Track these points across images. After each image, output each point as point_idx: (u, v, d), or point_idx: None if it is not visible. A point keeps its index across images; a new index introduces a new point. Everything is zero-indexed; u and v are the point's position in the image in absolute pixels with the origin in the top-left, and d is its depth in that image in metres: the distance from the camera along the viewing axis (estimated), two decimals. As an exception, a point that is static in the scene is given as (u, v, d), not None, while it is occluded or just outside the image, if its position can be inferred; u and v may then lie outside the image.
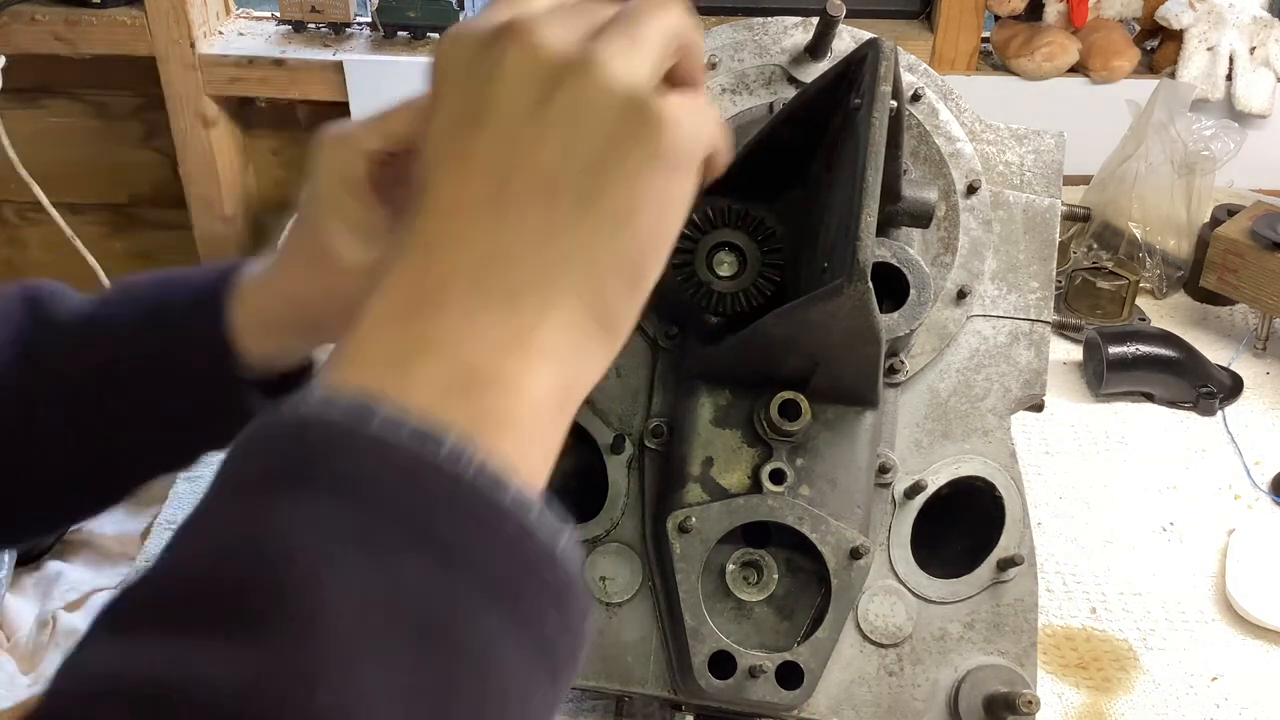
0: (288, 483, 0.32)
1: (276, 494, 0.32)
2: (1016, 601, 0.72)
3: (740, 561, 0.68)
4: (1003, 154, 0.77)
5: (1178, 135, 1.34)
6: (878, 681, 0.71)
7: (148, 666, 0.29)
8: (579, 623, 0.35)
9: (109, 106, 1.75)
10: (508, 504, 0.33)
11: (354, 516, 0.31)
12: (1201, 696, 0.92)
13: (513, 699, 0.32)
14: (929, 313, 0.70)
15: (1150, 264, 1.34)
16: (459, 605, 0.31)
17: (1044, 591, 0.94)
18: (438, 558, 0.32)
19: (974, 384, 0.74)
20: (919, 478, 0.72)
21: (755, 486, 0.67)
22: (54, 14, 1.58)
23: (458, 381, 0.35)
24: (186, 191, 1.71)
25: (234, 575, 0.30)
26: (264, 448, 0.34)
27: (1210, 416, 1.20)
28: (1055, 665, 0.94)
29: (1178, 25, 1.51)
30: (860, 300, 0.55)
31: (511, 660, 0.32)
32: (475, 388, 0.35)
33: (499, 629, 0.32)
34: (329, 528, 0.31)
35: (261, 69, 1.60)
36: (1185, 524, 1.08)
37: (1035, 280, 0.76)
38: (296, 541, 0.31)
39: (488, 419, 0.35)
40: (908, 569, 0.71)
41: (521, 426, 0.36)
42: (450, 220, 0.38)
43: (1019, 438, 0.74)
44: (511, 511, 0.33)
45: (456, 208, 0.38)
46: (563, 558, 0.34)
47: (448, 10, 1.60)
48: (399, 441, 0.32)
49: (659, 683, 0.69)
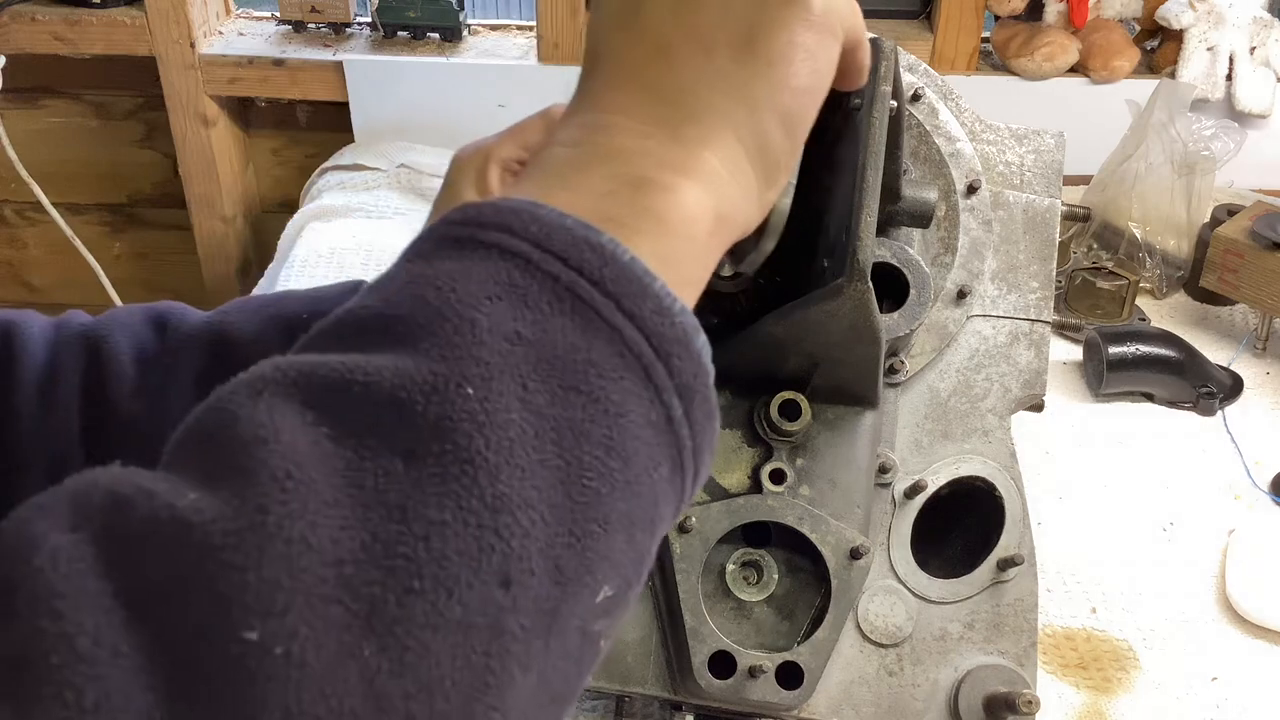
0: (456, 246, 0.35)
1: (445, 254, 0.35)
2: (1016, 601, 0.72)
3: (740, 561, 0.68)
4: (1003, 154, 0.77)
5: (1178, 135, 1.34)
6: (878, 681, 0.71)
7: (316, 363, 0.32)
8: (704, 420, 0.36)
9: (109, 106, 1.75)
10: (656, 288, 0.35)
11: (514, 274, 0.34)
12: (1201, 696, 0.92)
13: (636, 464, 0.34)
14: (929, 313, 0.70)
15: (1150, 264, 1.34)
16: (599, 365, 0.34)
17: (1044, 591, 0.94)
18: (585, 317, 0.34)
19: (974, 384, 0.74)
20: (919, 478, 0.72)
21: (755, 486, 0.67)
22: (54, 14, 1.58)
23: (621, 185, 0.38)
24: (186, 191, 1.71)
25: (397, 306, 0.33)
26: (438, 228, 0.36)
27: (1210, 416, 1.20)
28: (1055, 665, 0.94)
29: (1178, 25, 1.51)
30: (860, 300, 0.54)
31: (638, 424, 0.34)
32: (637, 190, 0.38)
33: (631, 392, 0.34)
34: (490, 281, 0.34)
35: (261, 69, 1.60)
36: (1185, 524, 1.08)
37: (1035, 280, 0.76)
38: (458, 286, 0.34)
39: (644, 217, 0.38)
40: (908, 569, 0.71)
41: (675, 232, 0.38)
42: (617, 74, 0.42)
43: (1019, 438, 0.74)
44: (658, 295, 0.35)
45: (623, 64, 0.42)
46: (697, 351, 0.36)
47: (448, 10, 1.60)
48: (565, 223, 0.35)
49: (659, 683, 0.69)
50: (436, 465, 0.31)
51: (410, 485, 0.30)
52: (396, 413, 0.31)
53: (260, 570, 0.28)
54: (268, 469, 0.29)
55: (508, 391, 0.32)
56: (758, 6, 0.42)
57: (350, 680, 0.28)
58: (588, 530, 0.33)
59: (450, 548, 0.30)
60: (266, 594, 0.28)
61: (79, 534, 0.29)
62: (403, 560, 0.29)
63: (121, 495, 0.29)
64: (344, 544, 0.29)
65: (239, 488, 0.29)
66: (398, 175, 1.56)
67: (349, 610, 0.28)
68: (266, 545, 0.28)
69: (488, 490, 0.31)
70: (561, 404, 0.33)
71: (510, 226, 0.35)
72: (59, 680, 0.26)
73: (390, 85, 1.60)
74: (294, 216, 1.51)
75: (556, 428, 0.33)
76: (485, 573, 0.30)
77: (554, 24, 1.56)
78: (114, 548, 0.28)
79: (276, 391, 0.31)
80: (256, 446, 0.30)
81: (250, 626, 0.27)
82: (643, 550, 0.35)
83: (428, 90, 1.60)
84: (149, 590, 0.28)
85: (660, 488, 0.35)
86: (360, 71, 1.59)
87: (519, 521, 0.31)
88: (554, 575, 0.32)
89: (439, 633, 0.29)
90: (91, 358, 0.64)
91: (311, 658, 0.28)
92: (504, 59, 1.60)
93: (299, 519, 0.29)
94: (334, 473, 0.30)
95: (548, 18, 1.56)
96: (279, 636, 0.27)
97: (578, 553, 0.32)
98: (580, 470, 0.33)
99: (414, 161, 1.57)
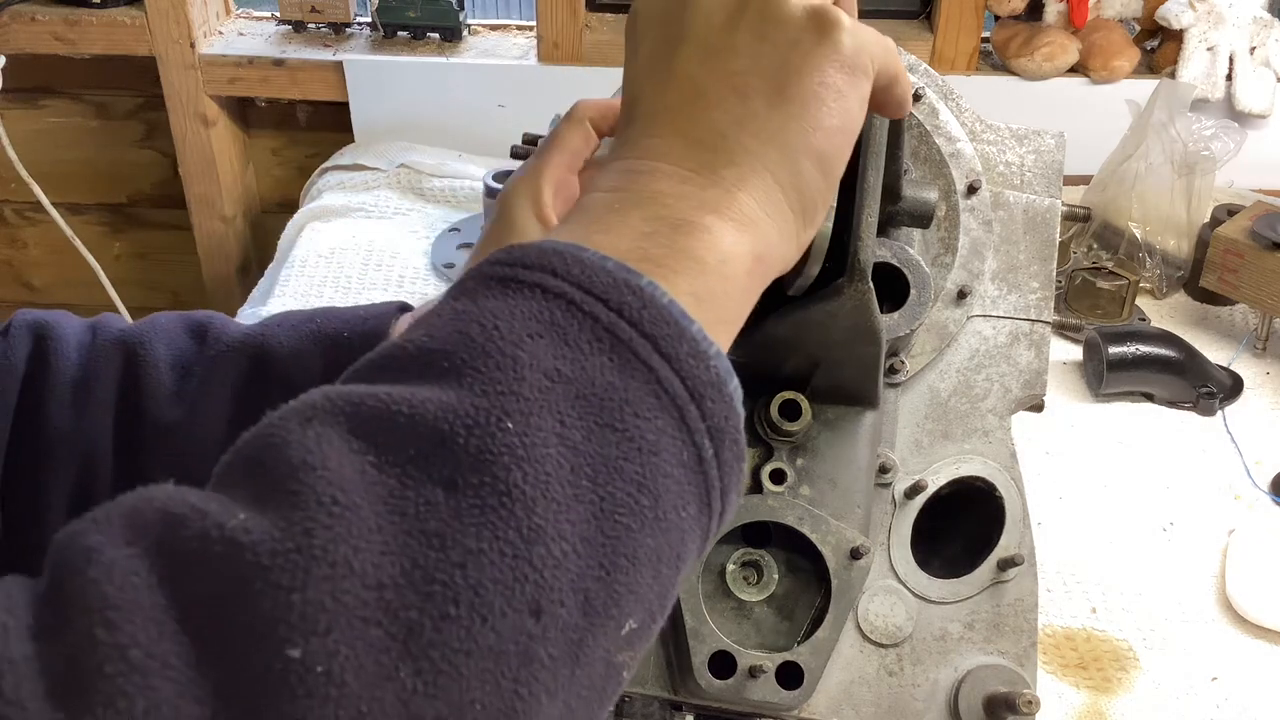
0: (500, 284, 0.36)
1: (490, 292, 0.36)
2: (1017, 601, 0.72)
3: (740, 561, 0.68)
4: (1003, 154, 0.77)
5: (1178, 135, 1.34)
6: (878, 681, 0.71)
7: (364, 393, 0.33)
8: (732, 462, 0.37)
9: (109, 106, 1.75)
10: (693, 332, 0.36)
11: (556, 313, 0.35)
12: (1201, 696, 0.92)
13: (666, 501, 0.35)
14: (929, 313, 0.70)
15: (1150, 264, 1.34)
16: (635, 404, 0.35)
17: (1044, 591, 0.94)
18: (623, 357, 0.35)
19: (974, 384, 0.74)
20: (919, 478, 0.72)
21: (755, 487, 0.67)
22: (54, 14, 1.58)
23: (660, 226, 0.39)
24: (186, 191, 1.71)
25: (442, 341, 0.35)
26: (484, 267, 0.37)
27: (1210, 416, 1.20)
28: (1055, 665, 0.94)
29: (1178, 25, 1.51)
30: (860, 300, 0.55)
31: (670, 463, 0.35)
32: (675, 231, 0.39)
33: (665, 432, 0.35)
34: (532, 320, 0.35)
35: (261, 69, 1.60)
36: (1185, 524, 1.08)
37: (1035, 280, 0.76)
38: (501, 324, 0.35)
39: (682, 258, 0.39)
40: (908, 569, 0.71)
41: (712, 272, 0.39)
42: (653, 121, 0.43)
43: (1019, 438, 0.74)
44: (694, 339, 0.36)
45: (658, 110, 0.43)
46: (730, 395, 0.37)
47: (448, 10, 1.60)
48: (605, 265, 0.36)
49: (659, 683, 0.69)
50: (475, 496, 0.32)
51: (449, 514, 0.31)
52: (439, 444, 0.32)
53: (305, 591, 0.29)
54: (314, 494, 0.31)
55: (546, 427, 0.33)
56: (788, 48, 0.43)
57: (386, 700, 0.29)
58: (616, 564, 0.34)
59: (486, 576, 0.31)
60: (310, 614, 0.29)
61: (133, 549, 0.30)
62: (440, 586, 0.30)
63: (175, 514, 0.30)
64: (385, 569, 0.30)
65: (286, 510, 0.30)
66: (398, 175, 1.56)
67: (388, 633, 0.29)
68: (312, 567, 0.29)
69: (524, 522, 0.32)
70: (597, 440, 0.34)
71: (553, 267, 0.36)
72: (112, 690, 0.27)
73: (390, 85, 1.60)
74: (294, 216, 1.51)
75: (591, 463, 0.34)
76: (518, 601, 0.31)
77: (554, 24, 1.56)
78: (167, 563, 0.29)
79: (325, 420, 0.33)
80: (305, 472, 0.31)
81: (294, 644, 0.28)
82: (667, 585, 0.36)
83: (428, 90, 1.60)
84: (199, 606, 0.29)
85: (687, 525, 0.36)
86: (360, 71, 1.59)
87: (552, 553, 0.32)
88: (583, 607, 0.33)
89: (472, 658, 0.30)
90: (128, 363, 0.65)
91: (351, 677, 0.29)
92: (504, 59, 1.60)
93: (343, 543, 0.30)
94: (377, 500, 0.31)
95: (548, 18, 1.56)
96: (320, 655, 0.28)
97: (606, 585, 0.33)
98: (613, 506, 0.34)
99: (414, 161, 1.57)
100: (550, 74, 1.57)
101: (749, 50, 0.43)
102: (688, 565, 0.37)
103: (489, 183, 1.37)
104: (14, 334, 0.65)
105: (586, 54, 1.57)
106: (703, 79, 0.43)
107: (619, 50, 1.56)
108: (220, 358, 0.66)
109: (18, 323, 0.65)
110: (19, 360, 0.64)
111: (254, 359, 0.66)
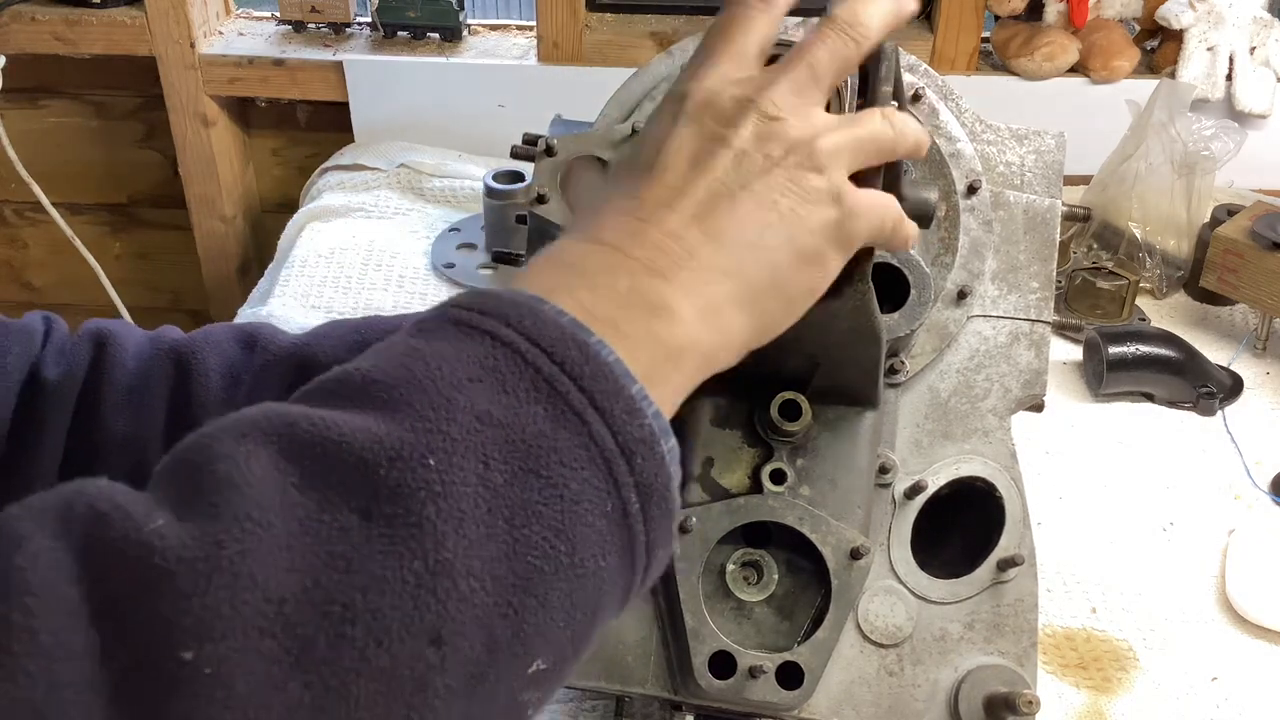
0: (455, 327, 0.38)
1: (444, 334, 0.38)
2: (1016, 601, 0.72)
3: (740, 561, 0.68)
4: (1003, 154, 0.77)
5: (1178, 135, 1.34)
6: (878, 682, 0.71)
7: (299, 415, 0.35)
8: (660, 518, 0.39)
9: (109, 106, 1.75)
10: (632, 391, 0.38)
11: (499, 360, 0.37)
12: (1201, 696, 0.92)
13: (583, 549, 0.36)
14: (929, 313, 0.70)
15: (1150, 264, 1.34)
16: (563, 453, 0.36)
17: (1044, 591, 0.94)
18: (558, 407, 0.37)
19: (974, 384, 0.74)
20: (919, 478, 0.72)
21: (755, 487, 0.67)
22: (54, 14, 1.58)
23: (637, 300, 0.41)
24: (186, 191, 1.71)
25: (386, 374, 0.36)
26: (447, 309, 0.39)
27: (1210, 416, 1.20)
28: (1055, 665, 0.94)
29: (1178, 25, 1.51)
30: (860, 300, 0.55)
31: (592, 513, 0.36)
32: (652, 314, 0.41)
33: (589, 483, 0.36)
34: (475, 364, 0.36)
35: (261, 69, 1.60)
36: (1185, 524, 1.08)
37: (1035, 280, 0.76)
38: (444, 365, 0.36)
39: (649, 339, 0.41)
40: (908, 569, 0.71)
41: (667, 358, 0.41)
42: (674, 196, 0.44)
43: (1019, 438, 0.74)
44: (632, 397, 0.38)
45: (684, 189, 0.45)
46: (661, 453, 0.38)
47: (448, 10, 1.60)
48: (560, 320, 0.38)
49: (659, 683, 0.69)
50: (387, 526, 0.33)
51: (360, 540, 0.33)
52: (361, 473, 0.34)
53: (204, 598, 0.31)
54: (232, 509, 0.32)
55: (468, 466, 0.35)
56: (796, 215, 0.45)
57: (274, 709, 0.31)
58: (525, 604, 0.35)
59: (386, 602, 0.32)
60: (207, 620, 0.30)
61: (59, 541, 0.31)
62: (340, 607, 0.32)
63: (100, 511, 0.32)
64: (287, 585, 0.31)
65: (204, 522, 0.32)
66: (398, 175, 1.56)
67: (281, 645, 0.31)
68: (214, 576, 0.31)
69: (431, 554, 0.33)
70: (520, 485, 0.35)
71: (507, 317, 0.38)
72: (15, 668, 0.29)
73: (390, 85, 1.60)
74: (294, 216, 1.51)
75: (509, 505, 0.35)
76: (417, 629, 0.33)
77: (554, 24, 1.56)
78: (87, 559, 0.31)
79: (259, 439, 0.34)
80: (228, 488, 0.33)
81: (187, 647, 0.30)
82: (582, 631, 0.37)
83: (428, 90, 1.60)
84: (110, 602, 0.31)
85: (606, 576, 0.37)
86: (360, 71, 1.59)
87: (458, 587, 0.33)
88: (487, 642, 0.34)
89: (364, 678, 0.32)
90: (180, 373, 0.67)
91: (240, 684, 0.30)
92: (504, 59, 1.60)
93: (250, 557, 0.31)
94: (293, 519, 0.32)
95: (548, 18, 1.56)
96: (211, 659, 0.30)
97: (513, 624, 0.35)
98: (526, 548, 0.35)
99: (414, 161, 1.57)
100: (550, 74, 1.57)
101: (764, 201, 0.45)
102: (606, 615, 0.38)
103: (489, 183, 1.37)
104: (78, 342, 0.68)
105: (586, 54, 1.57)
106: (710, 204, 0.44)
107: (619, 50, 1.56)
108: (268, 366, 0.68)
109: (83, 331, 0.68)
110: (80, 367, 0.66)
111: (300, 368, 0.68)
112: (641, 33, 1.58)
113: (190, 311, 1.93)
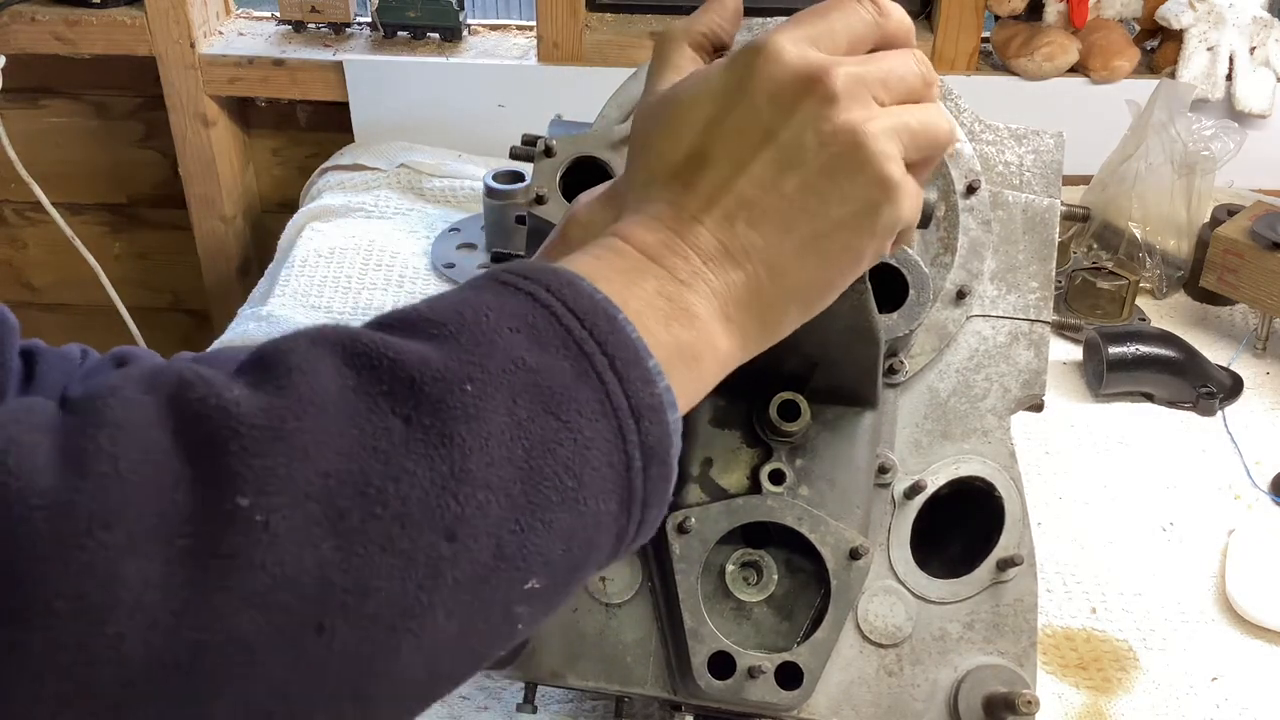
0: (502, 285, 0.43)
1: (492, 290, 0.43)
2: (1016, 601, 0.72)
3: (740, 562, 0.68)
4: (1002, 154, 0.77)
5: (1178, 135, 1.34)
6: (877, 682, 0.71)
7: (358, 335, 0.40)
8: (658, 480, 0.43)
9: (109, 106, 1.75)
10: (649, 365, 0.42)
11: (537, 317, 0.41)
12: (1201, 696, 0.92)
13: (588, 489, 0.41)
14: (928, 313, 0.70)
15: (1150, 264, 1.34)
16: (581, 404, 0.41)
17: (1044, 591, 0.94)
18: (581, 366, 0.41)
19: (974, 384, 0.74)
20: (919, 478, 0.72)
21: (755, 487, 0.67)
22: (54, 14, 1.58)
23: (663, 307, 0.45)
24: (186, 191, 1.71)
25: (440, 314, 0.41)
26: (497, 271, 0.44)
27: (1210, 416, 1.20)
28: (1055, 665, 0.94)
29: (1178, 25, 1.51)
30: (859, 300, 0.55)
31: (600, 460, 0.41)
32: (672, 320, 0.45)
33: (601, 434, 0.41)
34: (516, 317, 0.41)
35: (261, 69, 1.60)
36: (1185, 524, 1.08)
37: (1035, 280, 0.76)
38: (490, 313, 0.41)
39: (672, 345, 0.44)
40: (907, 569, 0.71)
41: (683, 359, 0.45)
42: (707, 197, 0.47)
43: (1019, 438, 0.74)
44: (648, 369, 0.42)
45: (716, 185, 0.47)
46: (668, 421, 0.42)
47: (448, 10, 1.60)
48: (594, 295, 0.43)
49: (659, 683, 0.69)
50: (423, 434, 0.38)
51: (399, 440, 0.38)
52: (408, 387, 0.39)
53: (265, 459, 0.36)
54: (298, 393, 0.37)
55: (499, 398, 0.39)
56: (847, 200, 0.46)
57: (306, 560, 0.36)
58: (532, 525, 0.40)
59: (413, 494, 0.37)
60: (265, 476, 0.36)
61: (149, 396, 0.37)
62: (374, 490, 0.37)
63: (186, 379, 0.37)
64: (334, 463, 0.37)
65: (274, 397, 0.37)
66: (398, 175, 1.56)
67: (322, 511, 0.36)
68: (278, 443, 0.36)
69: (457, 464, 0.38)
70: (540, 423, 0.40)
71: (548, 284, 0.43)
72: (103, 470, 0.34)
73: (390, 85, 1.60)
74: (294, 216, 1.51)
75: (529, 438, 0.40)
76: (435, 523, 0.38)
77: (554, 24, 1.56)
78: (171, 411, 0.36)
79: (326, 345, 0.39)
80: (298, 374, 0.38)
81: (245, 495, 0.35)
82: (576, 564, 0.42)
83: (428, 90, 1.60)
84: (187, 448, 0.36)
85: (604, 520, 0.42)
86: (360, 71, 1.59)
87: (475, 496, 0.38)
88: (494, 550, 0.39)
89: (386, 554, 0.37)
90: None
91: (283, 533, 0.35)
92: (504, 59, 1.60)
93: (308, 434, 0.37)
94: (346, 414, 0.38)
95: (548, 18, 1.56)
96: (263, 509, 0.35)
97: (519, 540, 0.39)
98: (539, 477, 0.40)
99: (414, 161, 1.57)
100: (550, 74, 1.57)
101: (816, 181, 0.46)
102: (598, 555, 0.43)
103: (489, 183, 1.37)
104: (102, 363, 0.72)
105: (586, 54, 1.57)
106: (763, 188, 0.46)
107: (619, 50, 1.56)
108: None
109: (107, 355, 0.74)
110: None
111: None
112: (641, 33, 1.58)
113: (190, 311, 1.93)
